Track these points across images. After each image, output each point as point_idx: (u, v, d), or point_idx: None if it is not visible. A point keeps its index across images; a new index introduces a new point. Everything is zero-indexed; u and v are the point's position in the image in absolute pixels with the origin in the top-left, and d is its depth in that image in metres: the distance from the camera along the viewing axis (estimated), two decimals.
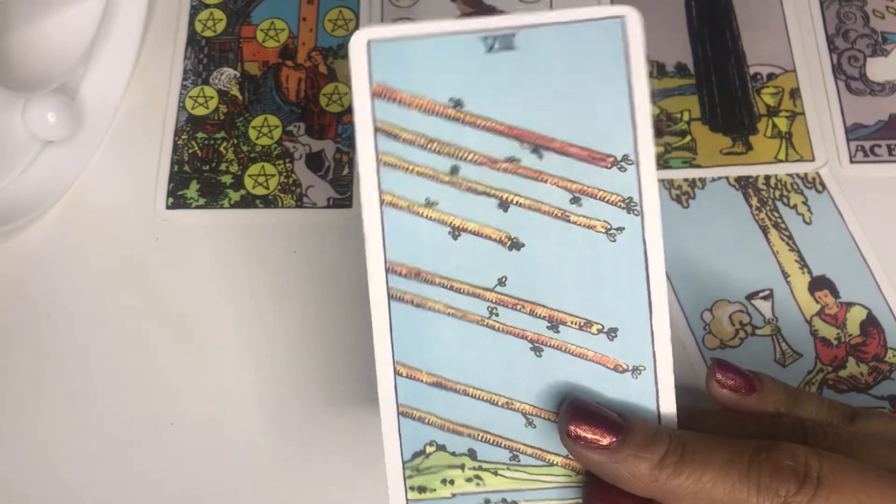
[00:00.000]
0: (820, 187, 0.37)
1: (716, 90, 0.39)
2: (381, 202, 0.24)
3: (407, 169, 0.24)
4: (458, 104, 0.24)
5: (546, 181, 0.24)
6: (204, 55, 0.41)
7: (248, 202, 0.38)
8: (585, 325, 0.25)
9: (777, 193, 0.37)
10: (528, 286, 0.24)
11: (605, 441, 0.23)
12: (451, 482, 0.25)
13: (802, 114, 0.38)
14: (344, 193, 0.38)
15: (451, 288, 0.25)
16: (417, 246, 0.24)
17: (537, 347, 0.25)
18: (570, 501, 0.25)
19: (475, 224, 0.24)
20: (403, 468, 0.25)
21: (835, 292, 0.35)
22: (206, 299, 0.36)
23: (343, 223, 0.37)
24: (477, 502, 0.25)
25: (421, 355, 0.25)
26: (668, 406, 0.25)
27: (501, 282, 0.25)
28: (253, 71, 0.41)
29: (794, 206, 0.37)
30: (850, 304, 0.35)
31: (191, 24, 0.42)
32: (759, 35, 0.40)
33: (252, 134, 0.39)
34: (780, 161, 0.38)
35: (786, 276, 0.35)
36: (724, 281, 0.35)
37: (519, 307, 0.25)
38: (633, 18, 0.24)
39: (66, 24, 0.38)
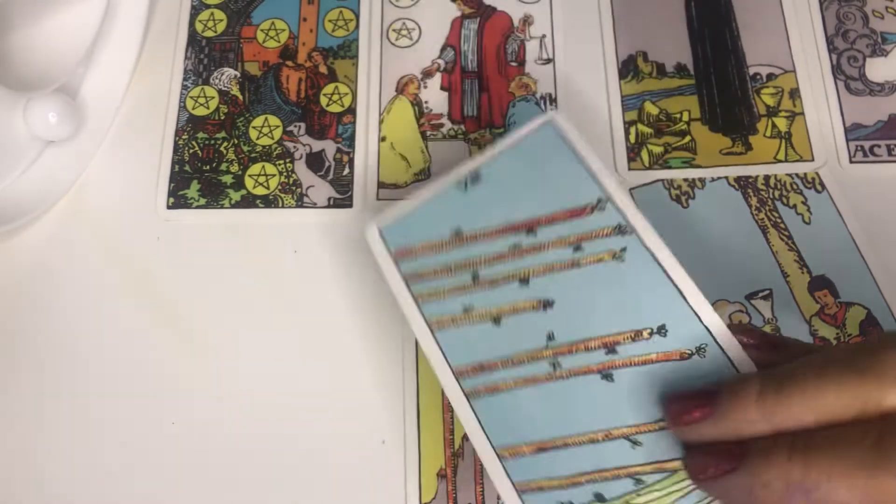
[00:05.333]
0: (819, 187, 0.37)
1: (715, 90, 0.39)
2: (431, 327, 0.28)
3: (440, 295, 0.29)
4: (458, 232, 0.29)
5: (548, 248, 0.28)
6: (204, 55, 0.41)
7: (248, 202, 0.38)
8: (637, 335, 0.27)
9: (776, 193, 0.37)
10: (574, 329, 0.27)
11: (708, 410, 0.24)
12: None
13: (802, 114, 0.39)
14: (344, 193, 0.38)
15: (512, 363, 0.27)
16: (471, 346, 0.28)
17: (607, 374, 0.27)
18: (707, 501, 0.26)
19: (509, 306, 0.28)
20: None
21: (834, 292, 0.35)
22: (206, 299, 0.36)
23: (343, 223, 0.37)
24: None
25: (514, 432, 0.27)
26: (745, 365, 0.26)
27: (550, 337, 0.27)
28: (253, 71, 0.41)
29: (794, 206, 0.37)
30: (849, 304, 0.35)
31: (191, 24, 0.42)
32: (758, 35, 0.40)
33: (252, 134, 0.39)
34: (780, 161, 0.38)
35: (785, 276, 0.35)
36: (723, 281, 0.35)
37: (574, 349, 0.27)
38: (559, 118, 0.30)
39: (68, 25, 0.38)
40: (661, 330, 0.26)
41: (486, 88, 0.40)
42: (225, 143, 0.39)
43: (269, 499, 0.33)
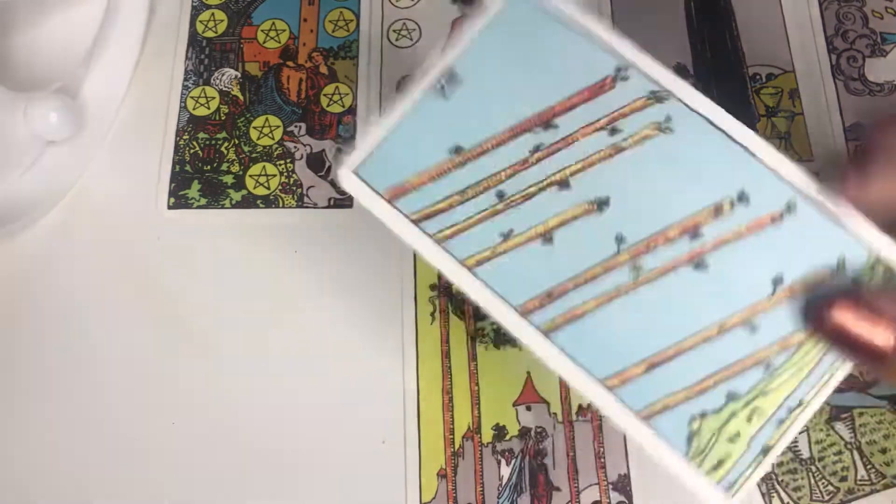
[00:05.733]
0: None
1: (715, 91, 0.39)
2: (470, 269, 0.24)
3: (465, 228, 0.24)
4: (458, 149, 0.24)
5: (577, 139, 0.24)
6: (205, 56, 0.41)
7: (249, 202, 0.38)
8: (717, 211, 0.24)
9: None
10: (645, 223, 0.24)
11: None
12: (738, 434, 0.23)
13: (801, 114, 0.39)
14: (345, 193, 0.38)
15: (586, 282, 0.24)
16: (528, 275, 0.24)
17: (699, 263, 0.23)
18: (842, 366, 0.23)
19: (555, 218, 0.24)
20: (690, 463, 0.23)
21: None
22: (207, 299, 0.36)
23: (344, 223, 0.37)
24: (771, 430, 0.23)
25: (615, 357, 0.23)
26: (843, 209, 0.23)
27: (620, 239, 0.24)
28: (254, 71, 0.41)
29: None
30: None
31: (192, 24, 0.42)
32: (758, 36, 0.40)
33: (253, 134, 0.39)
34: None
35: None
36: None
37: (653, 245, 0.24)
38: None
39: (68, 25, 0.38)
40: (742, 197, 0.23)
41: None
42: (226, 144, 0.39)
43: (268, 498, 0.33)
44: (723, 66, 0.40)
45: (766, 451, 0.23)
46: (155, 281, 0.37)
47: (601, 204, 0.24)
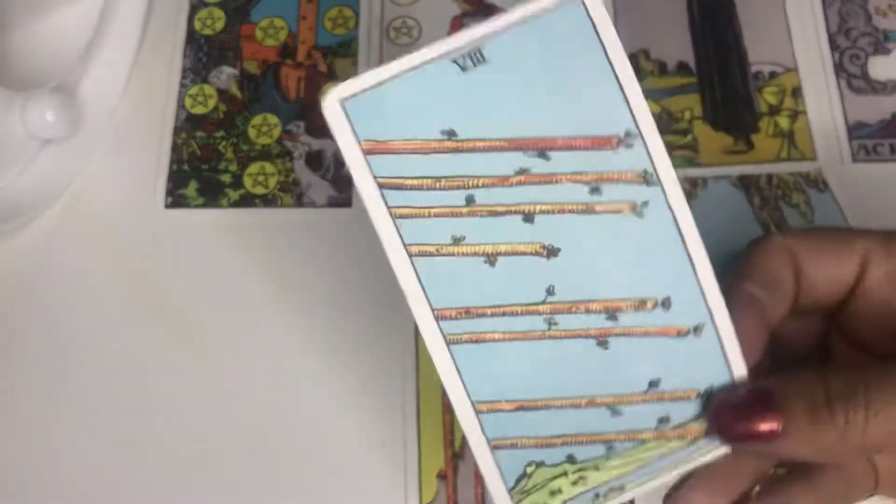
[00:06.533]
0: (822, 186, 0.37)
1: (718, 89, 0.39)
2: (410, 254, 0.24)
3: (424, 214, 0.24)
4: (451, 134, 0.23)
5: (561, 181, 0.24)
6: (203, 54, 0.41)
7: (247, 201, 0.38)
8: (640, 305, 0.25)
9: (779, 192, 0.37)
10: (576, 287, 0.24)
11: (768, 426, 0.23)
12: (560, 491, 0.25)
13: (804, 112, 0.38)
14: (343, 192, 0.38)
15: (504, 314, 0.24)
16: (458, 285, 0.24)
17: (602, 341, 0.25)
18: (669, 467, 0.26)
19: (507, 245, 0.24)
20: (510, 496, 0.25)
21: None
22: (205, 298, 0.36)
23: (343, 222, 0.37)
24: (588, 499, 0.26)
25: (495, 387, 0.25)
26: (734, 352, 0.25)
27: (550, 291, 0.24)
28: (252, 70, 0.40)
29: (797, 206, 0.36)
30: None
31: (190, 22, 0.42)
32: (760, 33, 0.40)
33: (251, 133, 0.39)
34: (782, 160, 0.37)
35: None
36: (725, 280, 0.35)
37: (574, 309, 0.24)
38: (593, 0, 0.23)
39: (65, 23, 0.38)
40: (666, 303, 0.25)
41: None
42: (224, 142, 0.39)
43: (268, 499, 0.33)
44: (725, 64, 0.39)
45: None
46: (152, 280, 0.36)
47: (551, 252, 0.24)
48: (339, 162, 0.38)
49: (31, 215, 0.37)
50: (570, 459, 0.25)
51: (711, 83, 0.39)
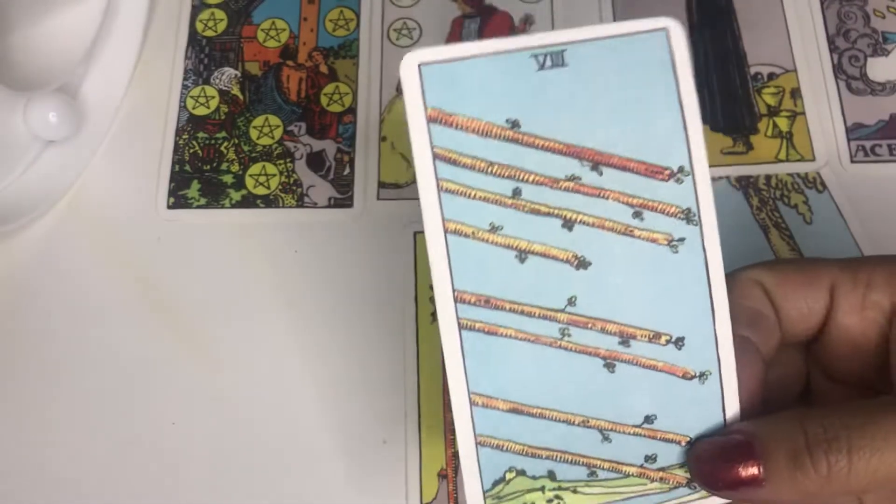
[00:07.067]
0: (821, 187, 0.37)
1: (717, 90, 0.39)
2: (446, 230, 0.24)
3: (469, 195, 0.24)
4: (515, 125, 0.24)
5: (608, 197, 0.24)
6: (205, 55, 0.41)
7: (249, 202, 0.38)
8: (654, 338, 0.25)
9: (778, 193, 0.37)
10: (598, 304, 0.24)
11: (749, 472, 0.23)
12: None
13: (803, 113, 0.38)
14: (345, 193, 0.38)
15: (522, 312, 0.24)
16: (485, 272, 0.24)
17: (610, 364, 0.25)
18: None
19: (541, 246, 0.24)
20: (485, 498, 0.25)
21: None
22: (207, 299, 0.36)
23: (344, 223, 0.37)
24: None
25: (495, 383, 0.24)
26: (733, 406, 0.25)
27: (571, 302, 0.24)
28: (254, 71, 0.41)
29: (795, 206, 0.37)
30: None
31: (192, 23, 0.42)
32: (759, 35, 0.40)
33: (253, 134, 0.39)
34: (781, 161, 0.38)
35: None
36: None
37: (590, 325, 0.24)
38: (676, 30, 0.24)
39: (68, 24, 0.38)
40: (680, 342, 0.25)
41: None
42: (225, 143, 0.39)
43: (269, 499, 0.33)
44: (724, 66, 0.40)
45: None
46: (154, 281, 0.37)
47: (582, 263, 0.24)
48: (339, 163, 0.38)
49: (33, 216, 0.37)
50: (551, 476, 0.25)
51: (710, 84, 0.39)
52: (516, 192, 0.24)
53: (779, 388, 0.28)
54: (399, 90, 0.40)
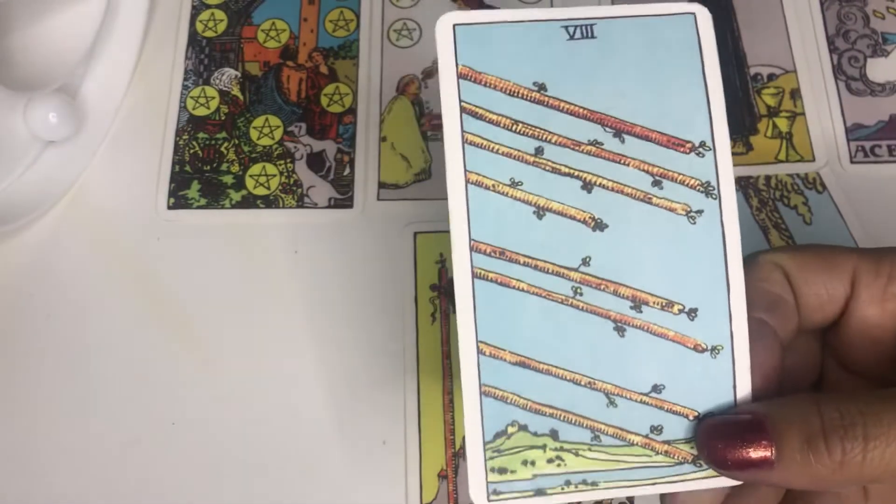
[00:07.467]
0: (820, 188, 0.37)
1: None
2: (467, 181, 0.25)
3: (492, 149, 0.25)
4: (541, 88, 0.25)
5: (628, 164, 0.25)
6: (205, 55, 0.41)
7: (249, 202, 0.38)
8: (667, 306, 0.25)
9: (777, 194, 0.37)
10: (612, 266, 0.25)
11: (761, 454, 0.22)
12: (532, 463, 0.25)
13: (803, 114, 0.39)
14: (345, 193, 0.38)
15: (536, 267, 0.25)
16: (502, 225, 0.25)
17: (620, 327, 0.25)
18: (647, 481, 0.25)
19: (560, 204, 0.25)
20: (485, 449, 0.25)
21: None
22: (207, 299, 0.36)
23: (344, 223, 0.37)
24: (557, 483, 0.25)
25: (505, 334, 0.25)
26: (744, 385, 0.25)
27: (585, 262, 0.25)
28: (254, 71, 0.41)
29: (795, 207, 0.37)
30: None
31: (192, 24, 0.42)
32: (759, 36, 0.40)
33: (253, 134, 0.39)
34: (781, 161, 0.38)
35: None
36: None
37: (603, 287, 0.25)
38: (703, 15, 0.25)
39: (68, 24, 0.38)
40: (693, 312, 0.25)
41: None
42: (225, 144, 0.39)
43: (269, 499, 0.33)
44: (724, 66, 0.40)
45: (539, 492, 0.25)
46: (154, 281, 0.37)
47: (599, 225, 0.25)
48: (339, 163, 0.38)
49: (33, 216, 0.37)
50: (554, 435, 0.25)
51: None
52: (539, 151, 0.25)
53: (793, 376, 0.27)
54: (399, 90, 0.40)
